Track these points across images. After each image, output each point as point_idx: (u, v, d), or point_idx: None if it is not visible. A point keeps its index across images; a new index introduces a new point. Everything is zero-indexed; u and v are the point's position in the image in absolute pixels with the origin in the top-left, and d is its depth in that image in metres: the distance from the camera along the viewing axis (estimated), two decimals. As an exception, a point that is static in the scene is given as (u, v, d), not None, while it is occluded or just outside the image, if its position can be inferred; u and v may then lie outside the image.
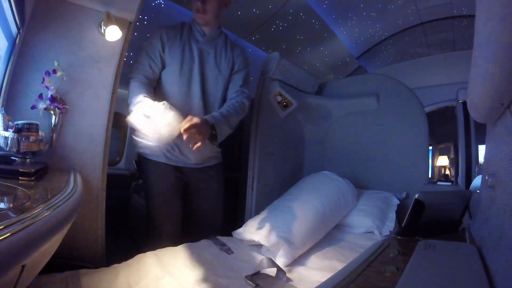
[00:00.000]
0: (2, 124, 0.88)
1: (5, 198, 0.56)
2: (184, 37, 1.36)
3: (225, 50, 1.42)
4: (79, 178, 0.92)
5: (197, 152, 1.40)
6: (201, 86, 1.35)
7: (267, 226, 1.23)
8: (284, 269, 1.02)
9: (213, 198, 1.49)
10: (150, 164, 1.36)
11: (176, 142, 1.35)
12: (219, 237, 1.30)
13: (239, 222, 1.58)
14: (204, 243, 1.24)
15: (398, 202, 1.62)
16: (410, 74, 3.07)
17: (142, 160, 1.40)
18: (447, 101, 3.10)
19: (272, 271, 0.96)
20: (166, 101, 1.31)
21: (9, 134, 0.87)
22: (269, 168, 1.86)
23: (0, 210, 0.42)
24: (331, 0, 2.43)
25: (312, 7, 2.41)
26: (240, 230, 1.34)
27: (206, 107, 1.37)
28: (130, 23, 1.28)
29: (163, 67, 1.34)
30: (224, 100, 1.43)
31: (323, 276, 0.95)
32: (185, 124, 1.04)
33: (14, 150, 0.88)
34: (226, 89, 1.43)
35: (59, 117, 1.11)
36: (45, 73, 1.07)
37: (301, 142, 2.24)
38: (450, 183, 4.13)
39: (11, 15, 0.98)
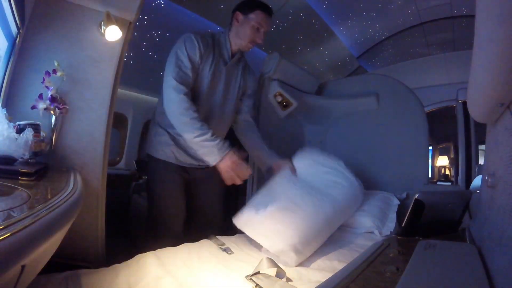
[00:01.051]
0: (7, 128, 0.88)
1: (5, 198, 0.56)
2: (216, 55, 1.33)
3: (243, 73, 1.46)
4: (79, 178, 0.92)
5: None
6: (222, 107, 1.39)
7: (273, 229, 1.15)
8: (284, 269, 1.02)
9: (215, 196, 1.52)
10: (158, 163, 1.37)
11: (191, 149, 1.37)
12: (219, 237, 1.30)
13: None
14: (204, 243, 1.24)
15: (398, 202, 1.62)
16: (410, 74, 3.07)
17: (149, 160, 1.41)
18: (447, 101, 3.10)
19: (272, 271, 0.95)
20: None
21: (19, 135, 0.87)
22: (269, 168, 1.86)
23: (0, 210, 0.42)
24: (331, 0, 2.43)
25: (312, 7, 2.41)
26: (242, 219, 1.23)
27: (223, 126, 1.44)
28: (130, 23, 1.28)
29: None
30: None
31: (323, 276, 0.95)
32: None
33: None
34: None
35: (59, 117, 1.11)
36: (45, 73, 1.07)
37: (301, 142, 2.24)
38: (450, 183, 4.14)
39: (11, 15, 0.98)
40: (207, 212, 1.50)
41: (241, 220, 1.22)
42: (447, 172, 4.95)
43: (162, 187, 1.38)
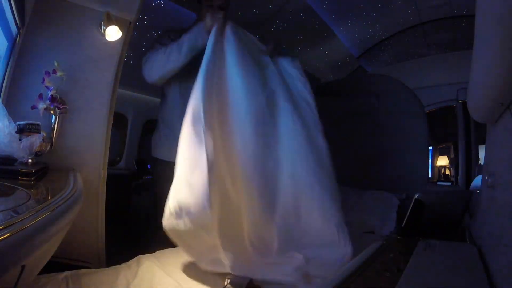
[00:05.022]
0: (8, 125, 0.88)
1: (5, 198, 0.56)
2: None
3: None
4: (79, 178, 0.92)
5: None
6: None
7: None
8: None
9: None
10: (166, 165, 1.37)
11: None
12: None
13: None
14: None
15: (398, 202, 1.62)
16: (410, 74, 3.07)
17: (155, 162, 1.42)
18: (447, 101, 3.10)
19: None
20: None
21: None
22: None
23: (0, 210, 0.42)
24: (331, 0, 2.43)
25: (312, 7, 2.41)
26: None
27: None
28: (130, 23, 1.28)
29: None
30: None
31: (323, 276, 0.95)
32: None
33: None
34: None
35: (59, 117, 1.11)
36: (45, 73, 1.07)
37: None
38: (450, 183, 4.13)
39: (11, 15, 0.98)
40: None
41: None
42: (447, 172, 4.94)
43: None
